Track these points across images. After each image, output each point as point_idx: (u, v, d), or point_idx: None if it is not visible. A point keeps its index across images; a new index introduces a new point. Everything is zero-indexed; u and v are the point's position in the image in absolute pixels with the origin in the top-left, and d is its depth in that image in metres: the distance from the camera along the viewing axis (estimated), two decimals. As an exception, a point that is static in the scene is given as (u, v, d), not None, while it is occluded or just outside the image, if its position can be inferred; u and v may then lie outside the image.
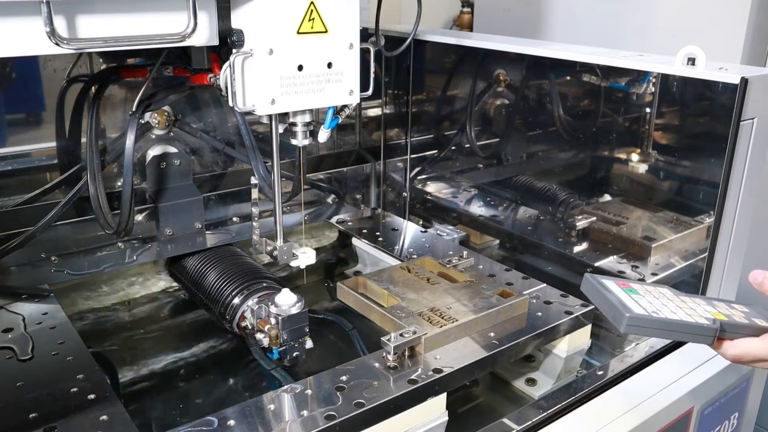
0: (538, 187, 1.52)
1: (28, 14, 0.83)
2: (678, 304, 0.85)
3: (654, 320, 0.80)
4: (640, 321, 0.80)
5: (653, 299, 0.85)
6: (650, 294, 0.86)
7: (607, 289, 0.86)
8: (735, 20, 1.76)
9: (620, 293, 0.85)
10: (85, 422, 0.94)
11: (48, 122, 1.33)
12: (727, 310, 0.85)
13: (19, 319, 1.20)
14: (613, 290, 0.86)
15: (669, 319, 0.80)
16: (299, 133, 1.14)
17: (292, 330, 1.13)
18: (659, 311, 0.81)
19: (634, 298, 0.84)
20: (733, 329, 0.82)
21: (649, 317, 0.80)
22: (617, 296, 0.84)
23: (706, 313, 0.83)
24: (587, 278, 0.89)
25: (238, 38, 1.01)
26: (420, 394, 1.03)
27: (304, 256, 1.22)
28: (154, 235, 1.44)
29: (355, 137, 1.80)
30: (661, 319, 0.80)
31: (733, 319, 0.83)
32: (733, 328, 0.82)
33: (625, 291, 0.86)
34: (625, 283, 0.88)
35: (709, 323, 0.81)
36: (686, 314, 0.82)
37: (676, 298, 0.87)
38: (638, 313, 0.80)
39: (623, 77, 1.29)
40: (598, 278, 0.89)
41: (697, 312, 0.83)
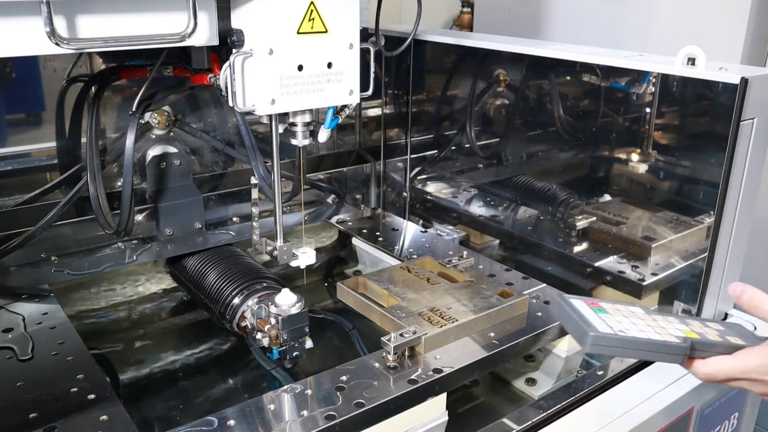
0: (538, 187, 1.52)
1: (28, 14, 0.83)
2: (648, 323, 0.83)
3: (620, 339, 0.78)
4: (605, 340, 0.78)
5: (622, 318, 0.83)
6: (620, 313, 0.85)
7: (574, 309, 0.85)
8: (735, 20, 1.76)
9: (587, 313, 0.84)
10: (85, 422, 0.94)
11: (48, 122, 1.33)
12: (700, 329, 0.83)
13: (19, 319, 1.20)
14: (581, 310, 0.84)
15: (636, 338, 0.79)
16: (299, 133, 1.14)
17: (292, 330, 1.13)
18: (627, 330, 0.80)
19: (601, 317, 0.83)
20: (705, 347, 0.80)
21: (615, 336, 0.78)
22: (583, 315, 0.82)
23: (678, 331, 0.82)
24: (555, 300, 0.88)
25: (238, 38, 1.01)
26: (420, 394, 1.03)
27: (304, 256, 1.22)
28: (154, 235, 1.44)
29: (355, 137, 1.80)
30: (628, 338, 0.78)
31: (706, 337, 0.81)
32: (705, 346, 0.80)
33: (594, 310, 0.84)
34: (594, 303, 0.87)
35: (679, 341, 0.79)
36: (656, 333, 0.80)
37: (647, 317, 0.86)
38: (603, 331, 0.79)
39: (623, 77, 1.29)
40: (566, 298, 0.87)
41: (668, 330, 0.82)
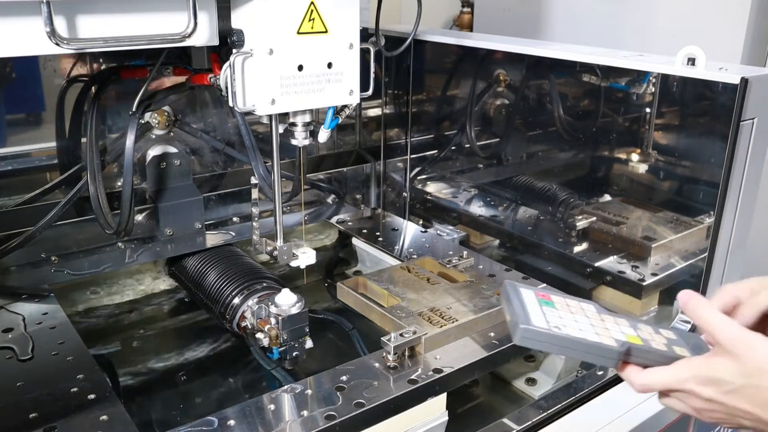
0: (538, 187, 1.52)
1: (28, 14, 0.83)
2: (593, 322, 0.79)
3: (551, 335, 0.75)
4: (537, 334, 0.75)
5: (566, 314, 0.79)
6: (567, 309, 0.81)
7: (519, 297, 0.80)
8: (735, 20, 1.76)
9: (531, 304, 0.79)
10: (85, 422, 0.94)
11: (48, 122, 1.33)
12: (648, 335, 0.78)
13: (19, 319, 1.20)
14: (525, 300, 0.80)
15: (569, 336, 0.75)
16: (299, 133, 1.14)
17: (292, 330, 1.13)
18: (563, 327, 0.76)
19: (544, 310, 0.79)
20: (642, 355, 0.76)
21: (548, 332, 0.75)
22: (524, 306, 0.78)
23: (621, 335, 0.77)
24: (506, 284, 0.83)
25: (238, 38, 1.01)
26: (420, 394, 1.03)
27: (304, 256, 1.23)
28: (154, 235, 1.44)
29: (355, 137, 1.80)
30: (560, 335, 0.75)
31: (649, 344, 0.76)
32: (642, 353, 0.76)
33: (540, 302, 0.80)
34: (545, 295, 0.83)
35: (615, 345, 0.75)
36: (594, 333, 0.76)
37: (596, 315, 0.81)
38: (536, 325, 0.75)
39: (623, 77, 1.29)
40: (516, 286, 0.83)
41: (610, 333, 0.77)
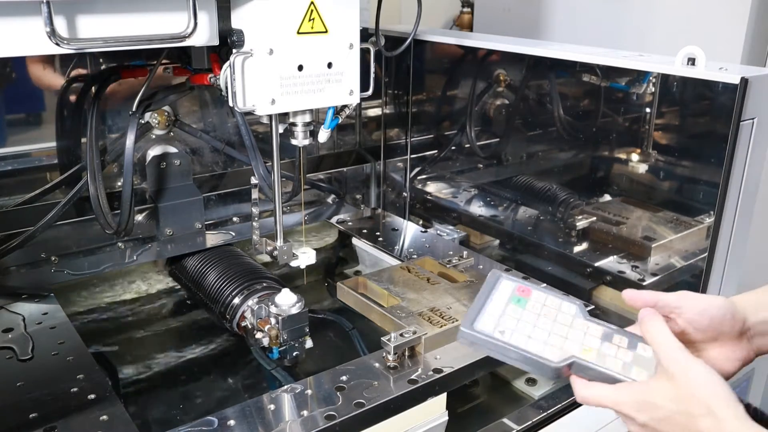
0: (538, 187, 1.52)
1: (28, 14, 0.83)
2: (555, 330, 0.75)
3: (490, 342, 0.73)
4: (476, 339, 0.74)
5: (528, 317, 0.76)
6: (536, 310, 0.77)
7: (492, 291, 0.78)
8: (735, 20, 1.76)
9: (498, 301, 0.77)
10: (85, 422, 0.94)
11: (48, 122, 1.33)
12: (613, 351, 0.75)
13: (19, 319, 1.20)
14: (496, 295, 0.78)
15: (509, 345, 0.73)
16: (299, 133, 1.14)
17: (292, 330, 1.13)
18: (509, 332, 0.74)
19: (507, 310, 0.76)
20: (584, 372, 0.73)
21: (486, 338, 0.73)
22: (486, 304, 0.77)
23: (576, 348, 0.74)
24: (491, 273, 0.81)
25: (238, 38, 1.01)
26: (420, 394, 1.03)
27: (304, 256, 1.23)
28: (154, 235, 1.44)
29: (355, 137, 1.80)
30: (499, 343, 0.73)
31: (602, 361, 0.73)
32: (584, 370, 0.73)
33: (512, 299, 0.78)
34: (525, 290, 0.79)
35: (553, 361, 0.73)
36: (542, 343, 0.74)
37: (567, 321, 0.77)
38: (478, 330, 0.74)
39: (623, 77, 1.29)
40: (500, 277, 0.80)
41: (563, 344, 0.74)
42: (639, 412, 0.71)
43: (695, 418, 0.69)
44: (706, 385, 0.69)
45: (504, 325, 0.75)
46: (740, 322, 0.78)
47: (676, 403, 0.70)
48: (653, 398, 0.71)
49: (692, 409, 0.69)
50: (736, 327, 0.78)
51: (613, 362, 0.74)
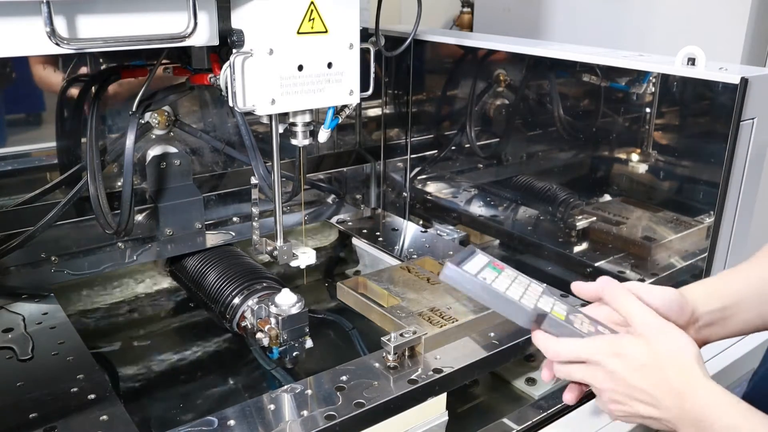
0: (538, 187, 1.52)
1: (28, 14, 0.83)
2: (528, 293, 0.83)
3: (475, 281, 0.80)
4: (461, 276, 0.80)
5: (504, 280, 0.83)
6: (509, 277, 0.84)
7: (471, 256, 0.85)
8: (735, 20, 1.76)
9: (479, 261, 0.84)
10: (85, 422, 0.93)
11: (48, 122, 1.33)
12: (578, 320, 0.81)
13: (19, 319, 1.20)
14: (476, 257, 0.85)
15: (491, 286, 0.80)
16: (299, 133, 1.14)
17: (292, 330, 1.13)
18: (489, 281, 0.80)
19: (486, 270, 0.83)
20: (555, 327, 0.80)
21: (472, 277, 0.80)
22: (468, 258, 0.83)
23: (547, 306, 0.81)
24: (469, 248, 0.88)
25: (238, 38, 1.01)
26: (420, 394, 1.03)
27: (304, 256, 1.23)
28: (154, 235, 1.44)
29: (355, 137, 1.80)
30: (480, 283, 0.80)
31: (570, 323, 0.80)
32: (556, 326, 0.80)
33: (489, 265, 0.85)
34: (500, 265, 0.86)
35: (530, 308, 0.79)
36: (518, 295, 0.81)
37: (536, 291, 0.85)
38: (464, 269, 0.80)
39: (623, 77, 1.29)
40: (478, 250, 0.87)
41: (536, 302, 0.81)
42: (610, 358, 0.74)
43: (666, 371, 0.71)
44: (679, 345, 0.73)
45: (485, 275, 0.81)
46: (687, 314, 0.80)
47: (649, 356, 0.73)
48: (626, 349, 0.74)
49: (666, 364, 0.72)
50: (683, 317, 0.80)
51: (580, 326, 0.80)
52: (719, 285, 0.85)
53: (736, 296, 0.83)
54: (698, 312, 0.81)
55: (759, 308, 0.83)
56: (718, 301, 0.83)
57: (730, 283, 0.85)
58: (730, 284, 0.85)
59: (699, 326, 0.82)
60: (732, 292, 0.84)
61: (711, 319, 0.82)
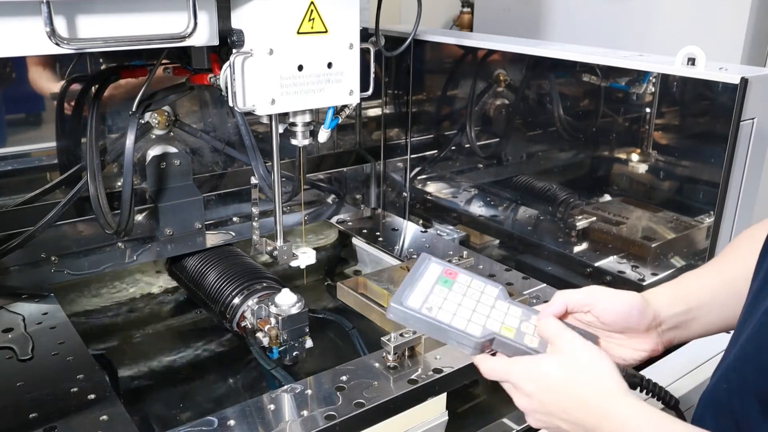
0: (538, 187, 1.52)
1: (28, 14, 0.83)
2: (478, 309, 0.79)
3: (418, 318, 0.77)
4: (404, 314, 0.77)
5: (454, 297, 0.80)
6: (461, 291, 0.81)
7: (421, 272, 0.82)
8: (735, 20, 1.76)
9: (427, 281, 0.81)
10: (85, 422, 0.94)
11: (48, 122, 1.33)
12: (528, 328, 0.79)
13: (19, 319, 1.20)
14: (425, 276, 0.81)
15: (435, 321, 0.76)
16: (299, 133, 1.14)
17: (292, 330, 1.13)
18: (436, 309, 0.77)
19: (435, 289, 0.80)
20: (503, 348, 0.77)
21: (415, 314, 0.77)
22: (415, 283, 0.80)
23: (496, 325, 0.77)
24: (421, 256, 0.85)
25: (238, 38, 1.01)
26: (420, 394, 1.03)
27: (304, 256, 1.23)
28: (154, 235, 1.44)
29: (355, 137, 1.80)
30: (426, 319, 0.77)
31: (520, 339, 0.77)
32: (503, 346, 0.77)
33: (440, 279, 0.82)
34: (452, 273, 0.83)
35: (477, 335, 0.76)
36: (465, 320, 0.77)
37: (489, 302, 0.81)
38: (407, 305, 0.77)
39: (623, 77, 1.29)
40: (429, 259, 0.84)
41: (485, 322, 0.78)
42: (527, 381, 0.74)
43: (581, 385, 0.71)
44: (591, 357, 0.73)
45: (431, 303, 0.79)
46: (649, 318, 0.81)
47: (562, 371, 0.73)
48: (542, 367, 0.74)
49: (579, 377, 0.72)
50: (644, 322, 0.80)
51: (530, 339, 0.78)
52: (683, 288, 0.86)
53: (697, 299, 0.84)
54: (662, 316, 0.82)
55: (719, 311, 0.84)
56: (682, 304, 0.83)
57: (692, 286, 0.86)
58: (692, 287, 0.86)
59: (662, 330, 0.82)
60: (694, 295, 0.84)
61: (675, 322, 0.83)
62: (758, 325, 0.67)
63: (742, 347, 0.70)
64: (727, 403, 0.70)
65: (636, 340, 0.82)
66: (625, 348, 0.82)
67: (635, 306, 0.80)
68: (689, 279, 0.87)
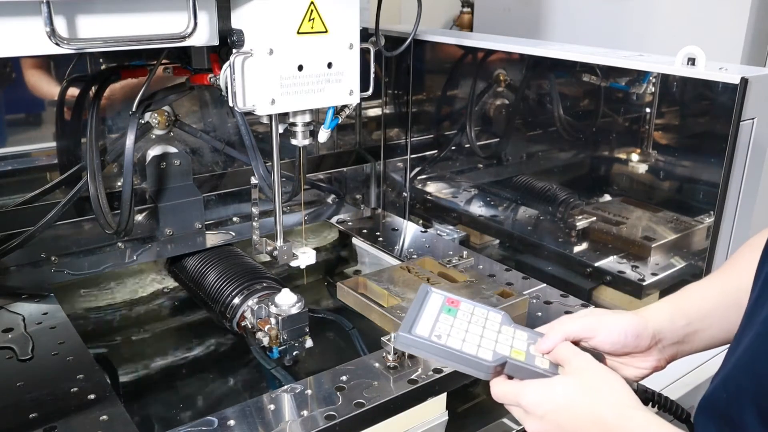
0: (538, 187, 1.52)
1: (28, 14, 0.83)
2: (485, 335, 0.79)
3: (428, 345, 0.77)
4: (414, 342, 0.77)
5: (461, 324, 0.80)
6: (467, 318, 0.81)
7: (424, 301, 0.83)
8: (735, 20, 1.76)
9: (432, 310, 0.81)
10: (85, 422, 0.94)
11: (48, 122, 1.33)
12: (536, 351, 0.79)
13: (19, 319, 1.20)
14: (428, 305, 0.82)
15: (446, 347, 0.77)
16: (299, 133, 1.14)
17: (292, 330, 1.13)
18: (445, 337, 0.77)
19: (440, 317, 0.80)
20: (515, 371, 0.77)
21: (424, 341, 0.77)
22: (421, 312, 0.80)
23: (506, 349, 0.78)
24: (421, 288, 0.85)
25: (238, 38, 1.01)
26: (420, 394, 1.03)
27: (304, 256, 1.22)
28: (154, 235, 1.44)
29: (355, 137, 1.80)
30: (437, 346, 0.77)
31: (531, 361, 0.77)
32: (515, 369, 0.77)
33: (443, 308, 0.82)
34: (455, 302, 0.84)
35: (488, 360, 0.76)
36: (475, 345, 0.78)
37: (495, 327, 0.81)
38: (415, 333, 0.77)
39: (623, 77, 1.29)
40: (430, 290, 0.85)
41: (494, 347, 0.78)
42: (539, 404, 0.74)
43: (596, 403, 0.71)
44: (604, 375, 0.73)
45: (439, 330, 0.79)
46: (647, 339, 0.81)
47: (577, 389, 0.73)
48: (556, 388, 0.74)
49: (594, 395, 0.72)
50: (643, 344, 0.81)
51: (540, 361, 0.78)
52: (683, 301, 0.85)
53: (698, 312, 0.83)
54: (662, 333, 0.82)
55: (720, 323, 0.83)
56: (682, 318, 0.83)
57: (693, 299, 0.85)
58: (693, 300, 0.85)
59: (663, 346, 0.82)
60: (695, 308, 0.84)
61: (676, 337, 0.82)
62: (755, 335, 0.67)
63: (741, 356, 0.69)
64: (725, 411, 0.70)
65: (637, 359, 0.82)
66: (628, 366, 0.82)
67: (631, 332, 0.80)
68: (690, 291, 0.87)
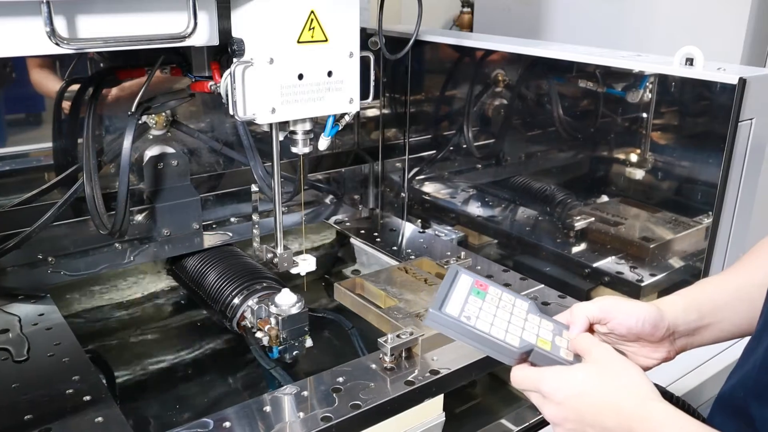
0: (536, 187, 1.52)
1: (28, 14, 0.83)
2: (513, 321, 0.80)
3: (457, 324, 0.77)
4: (444, 321, 0.77)
5: (489, 308, 0.80)
6: (495, 303, 0.82)
7: (454, 282, 0.82)
8: (735, 20, 1.76)
9: (461, 291, 0.81)
10: (81, 424, 0.94)
11: (45, 122, 1.33)
12: (561, 342, 0.79)
13: (15, 320, 1.20)
14: (458, 285, 0.82)
15: (474, 329, 0.76)
16: (299, 141, 1.14)
17: (291, 330, 1.13)
18: (474, 319, 0.77)
19: (469, 299, 0.80)
20: (540, 359, 0.77)
21: (454, 321, 0.77)
22: (451, 292, 0.80)
23: (532, 337, 0.78)
24: (451, 268, 0.85)
25: (239, 47, 1.01)
26: (417, 396, 1.03)
27: (304, 263, 1.22)
28: (151, 235, 1.44)
29: (353, 137, 1.80)
30: (465, 327, 0.76)
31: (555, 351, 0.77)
32: (541, 358, 0.77)
33: (472, 290, 0.82)
34: (483, 285, 0.84)
35: (515, 346, 0.76)
36: (503, 331, 0.78)
37: (522, 314, 0.81)
38: (446, 312, 0.77)
39: (620, 82, 1.29)
40: (460, 271, 0.85)
41: (521, 334, 0.78)
42: (558, 389, 0.74)
43: (616, 391, 0.71)
44: (624, 365, 0.73)
45: (469, 312, 0.79)
46: (662, 329, 0.82)
47: (596, 377, 0.73)
48: (577, 375, 0.74)
49: (613, 383, 0.72)
50: (657, 334, 0.82)
51: (565, 353, 0.78)
52: (697, 294, 0.87)
53: (711, 305, 0.85)
54: (676, 325, 0.83)
55: (731, 317, 0.84)
56: (695, 311, 0.84)
57: (706, 292, 0.87)
58: (706, 293, 0.86)
59: (675, 337, 0.83)
60: (708, 301, 0.85)
61: (688, 330, 0.84)
62: None
63: (763, 356, 0.70)
64: (744, 409, 0.70)
65: (648, 349, 0.83)
66: (638, 356, 0.83)
67: (648, 320, 0.81)
68: (703, 285, 0.88)
